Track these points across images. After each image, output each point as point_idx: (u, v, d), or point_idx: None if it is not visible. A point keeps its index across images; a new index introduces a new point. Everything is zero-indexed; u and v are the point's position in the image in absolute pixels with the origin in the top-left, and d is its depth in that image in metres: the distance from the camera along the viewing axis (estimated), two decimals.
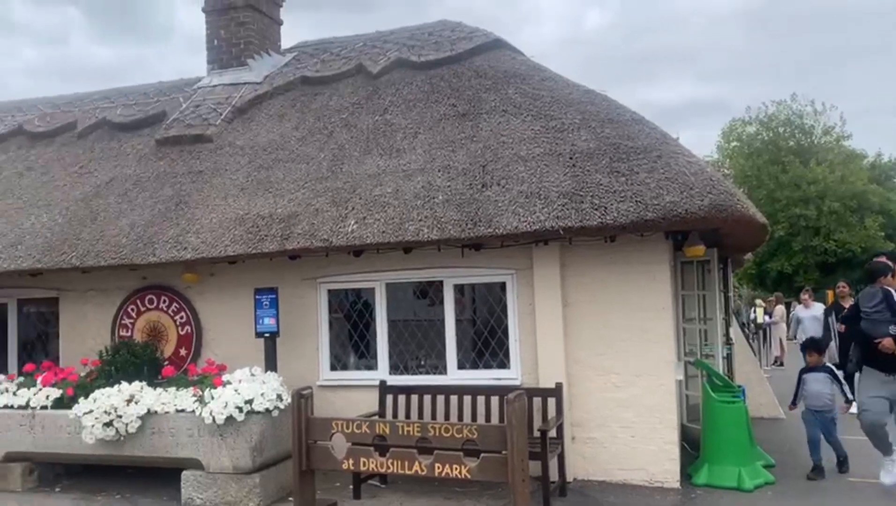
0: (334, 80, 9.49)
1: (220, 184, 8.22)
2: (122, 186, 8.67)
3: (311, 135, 8.57)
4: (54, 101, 11.33)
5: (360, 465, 5.81)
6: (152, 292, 8.45)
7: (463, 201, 6.78)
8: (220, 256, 7.35)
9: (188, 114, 9.54)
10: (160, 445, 6.62)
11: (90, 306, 8.73)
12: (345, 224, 6.99)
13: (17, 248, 8.17)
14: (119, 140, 9.70)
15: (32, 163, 9.83)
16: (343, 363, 7.89)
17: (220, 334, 8.20)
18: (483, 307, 7.60)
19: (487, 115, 7.88)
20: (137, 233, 7.81)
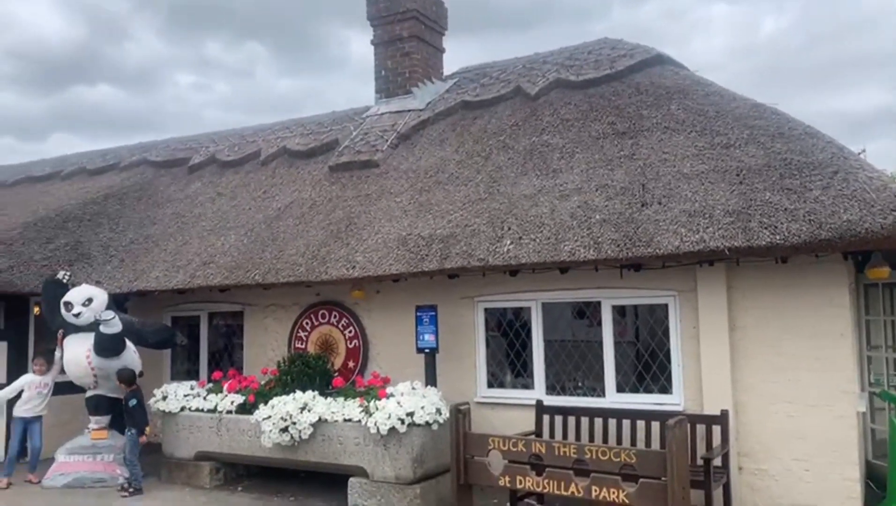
0: (493, 103, 9.71)
1: (385, 206, 8.65)
2: (300, 210, 9.36)
3: (470, 157, 8.82)
4: (241, 132, 12.47)
5: (517, 483, 5.87)
6: (324, 308, 9.04)
7: (621, 221, 6.69)
8: (384, 274, 7.72)
9: (357, 141, 10.14)
10: (329, 451, 7.04)
11: (270, 320, 9.49)
12: (501, 244, 7.12)
13: (209, 266, 9.03)
14: (297, 167, 10.50)
15: (223, 189, 10.86)
16: (500, 381, 7.99)
17: (385, 349, 8.59)
18: (644, 329, 7.41)
19: (648, 133, 7.73)
20: (312, 252, 8.38)
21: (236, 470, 8.06)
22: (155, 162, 12.45)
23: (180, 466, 8.08)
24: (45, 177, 13.74)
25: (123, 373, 8.02)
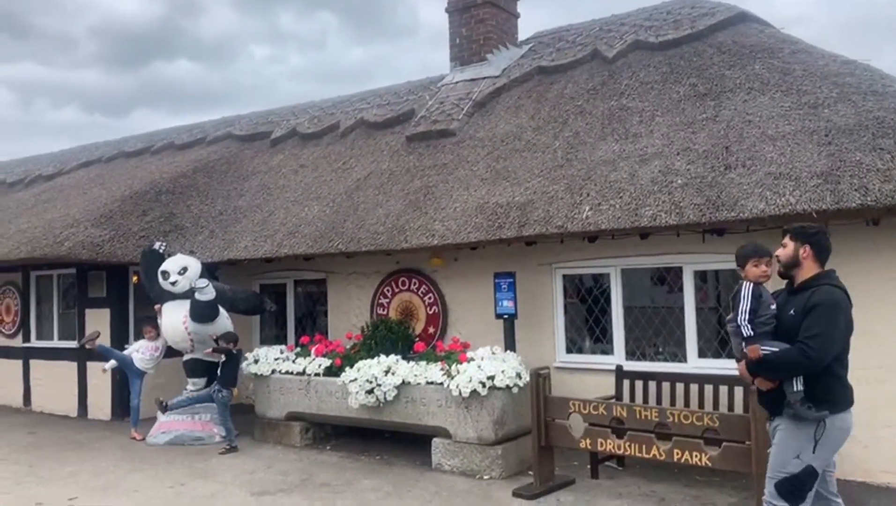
0: (569, 67, 9.63)
1: (462, 175, 8.75)
2: (379, 180, 9.57)
3: (546, 124, 8.80)
4: (320, 104, 12.75)
5: (598, 445, 5.98)
6: (404, 275, 9.27)
7: (703, 185, 6.59)
8: (462, 242, 7.85)
9: (433, 110, 10.25)
10: (413, 413, 7.28)
11: (353, 287, 9.80)
12: (579, 210, 7.13)
13: (294, 236, 9.37)
14: (375, 137, 10.70)
15: (305, 161, 11.18)
16: (578, 347, 8.05)
17: (463, 315, 8.77)
18: (727, 295, 7.31)
19: (731, 94, 7.55)
20: (392, 221, 8.59)
21: (324, 430, 8.44)
22: (239, 136, 12.89)
23: (272, 425, 8.51)
24: (136, 152, 14.42)
25: (228, 335, 8.51)
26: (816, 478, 3.96)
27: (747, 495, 5.83)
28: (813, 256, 4.09)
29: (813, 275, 4.08)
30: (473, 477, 6.73)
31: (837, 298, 3.95)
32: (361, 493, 6.42)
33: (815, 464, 3.91)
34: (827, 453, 3.95)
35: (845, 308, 3.96)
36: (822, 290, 3.98)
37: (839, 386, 3.95)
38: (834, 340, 3.88)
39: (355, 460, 7.61)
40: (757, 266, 4.32)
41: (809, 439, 3.89)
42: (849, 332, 3.99)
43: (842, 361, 3.98)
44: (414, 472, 7.05)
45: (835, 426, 3.90)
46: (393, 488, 6.54)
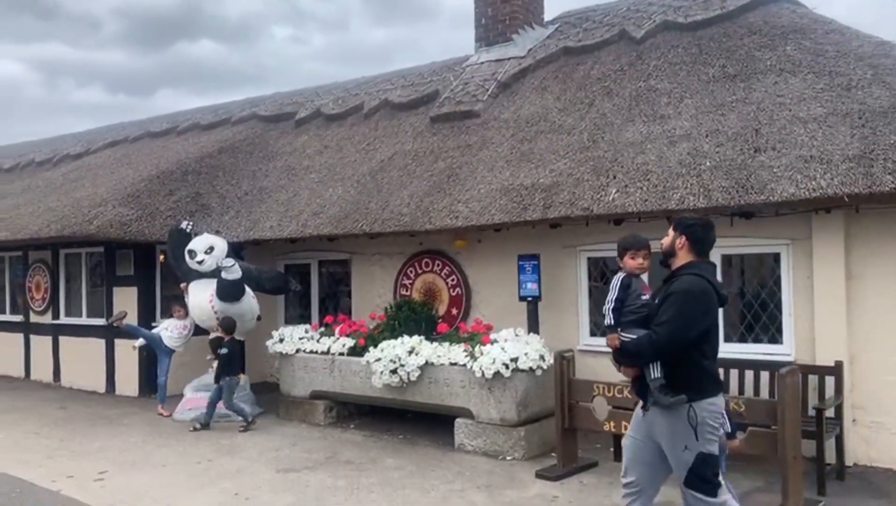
0: (596, 48, 9.52)
1: (486, 156, 8.72)
2: (403, 161, 9.57)
3: (573, 105, 8.73)
4: (344, 85, 12.74)
5: (622, 428, 5.96)
6: (428, 257, 9.28)
7: (732, 167, 6.51)
8: (486, 224, 7.83)
9: (458, 91, 10.20)
10: (436, 393, 7.32)
11: (376, 268, 9.84)
12: (606, 193, 7.08)
13: (318, 216, 9.41)
14: (398, 119, 10.68)
15: (329, 142, 11.20)
16: (602, 330, 8.02)
17: (486, 297, 8.78)
18: (753, 279, 7.25)
19: (762, 76, 7.43)
20: (416, 203, 8.59)
21: (348, 408, 8.51)
22: (264, 116, 12.94)
23: (297, 404, 8.60)
24: (162, 132, 14.53)
25: (225, 322, 8.51)
26: (717, 459, 3.93)
27: (772, 480, 5.80)
28: (688, 246, 4.04)
29: (682, 264, 4.04)
30: (496, 458, 6.76)
31: (694, 287, 3.88)
32: (385, 471, 6.48)
33: (705, 449, 3.87)
34: (710, 436, 3.88)
35: (701, 297, 3.87)
36: (682, 279, 3.96)
37: (698, 373, 3.88)
38: (682, 327, 3.82)
39: (379, 439, 7.68)
40: (634, 258, 4.35)
41: (687, 427, 3.85)
42: (706, 321, 3.88)
43: (702, 349, 3.90)
44: (437, 452, 7.10)
45: (706, 410, 3.86)
46: (416, 467, 6.59)
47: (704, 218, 4.24)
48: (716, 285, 3.95)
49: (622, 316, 4.21)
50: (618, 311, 4.24)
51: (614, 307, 4.25)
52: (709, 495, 3.86)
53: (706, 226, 4.11)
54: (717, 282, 3.99)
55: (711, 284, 3.92)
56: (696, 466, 3.85)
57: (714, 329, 3.98)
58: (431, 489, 5.95)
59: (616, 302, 4.25)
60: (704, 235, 4.06)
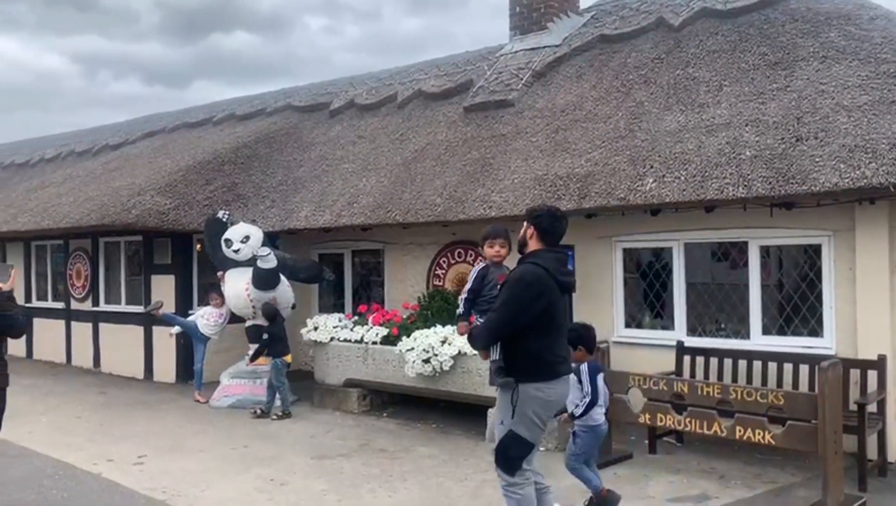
0: (633, 36, 9.39)
1: (520, 146, 8.66)
2: (436, 151, 9.55)
3: (609, 94, 8.62)
4: (378, 75, 12.75)
5: (657, 420, 5.92)
6: (461, 247, 9.27)
7: (773, 157, 6.38)
8: (520, 214, 7.76)
9: (492, 80, 10.14)
10: (468, 383, 7.32)
11: (409, 258, 9.86)
12: (643, 183, 6.99)
13: (352, 206, 9.45)
14: (432, 108, 10.66)
15: (362, 132, 11.22)
16: (637, 322, 7.94)
17: None
18: (793, 271, 7.11)
19: (804, 63, 7.25)
20: (449, 193, 8.57)
21: (381, 397, 8.56)
22: (298, 107, 13.01)
23: (331, 392, 8.68)
24: (199, 123, 14.70)
25: (267, 308, 8.63)
26: (526, 448, 4.02)
27: (811, 475, 5.71)
28: (537, 236, 4.16)
29: (528, 253, 4.17)
30: None
31: (526, 274, 3.99)
32: (418, 460, 6.50)
33: (518, 430, 3.98)
34: (529, 422, 3.98)
35: (533, 284, 3.95)
36: (519, 267, 4.10)
37: (528, 357, 3.98)
38: (512, 313, 3.94)
39: (412, 428, 7.71)
40: (491, 246, 4.63)
41: (508, 404, 4.00)
42: (537, 306, 3.94)
43: (535, 335, 3.97)
44: (469, 441, 7.11)
45: (528, 394, 3.95)
46: (449, 456, 6.61)
47: (553, 208, 4.35)
48: (553, 273, 4.00)
49: (478, 305, 4.57)
50: (470, 301, 4.63)
51: (467, 298, 4.63)
52: (506, 471, 4.05)
53: (553, 216, 4.20)
54: (558, 269, 4.06)
55: (548, 271, 3.99)
56: (504, 441, 4.03)
57: (550, 315, 4.01)
58: (465, 478, 5.96)
59: (470, 293, 4.63)
60: (551, 224, 4.16)
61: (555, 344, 4.07)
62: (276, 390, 8.48)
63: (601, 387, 5.08)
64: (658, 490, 5.64)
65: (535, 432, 4.02)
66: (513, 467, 4.02)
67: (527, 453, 4.04)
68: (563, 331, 4.18)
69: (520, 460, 4.02)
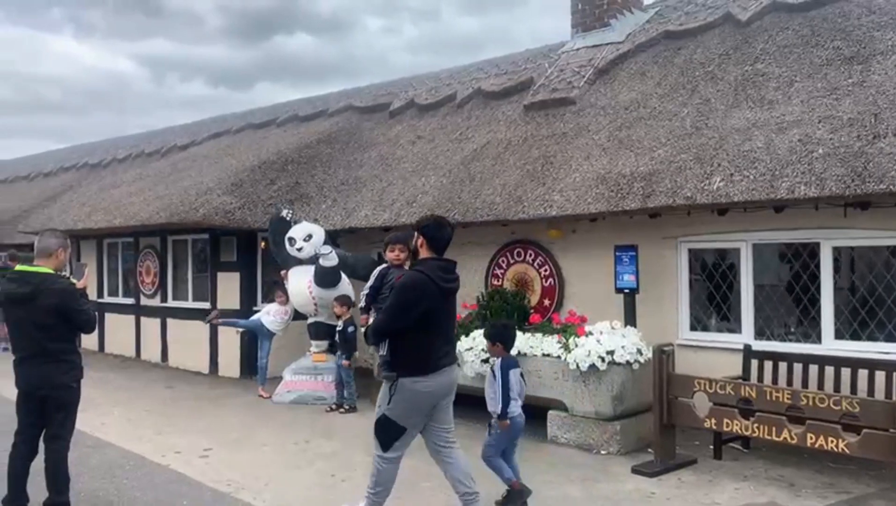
0: (699, 31, 9.17)
1: (582, 144, 8.56)
2: (495, 150, 9.52)
3: (674, 91, 8.44)
4: (437, 74, 12.79)
5: (723, 425, 5.77)
6: (520, 246, 9.21)
7: (848, 155, 6.13)
8: (582, 213, 7.70)
9: (553, 78, 10.05)
10: (528, 384, 7.23)
11: (468, 257, 9.82)
12: (710, 181, 6.81)
13: (411, 205, 9.49)
14: (491, 107, 10.63)
15: (422, 132, 11.27)
16: (703, 324, 7.76)
17: (580, 288, 8.63)
18: (868, 273, 6.82)
19: (881, 57, 6.96)
20: (508, 192, 8.53)
21: None
22: (359, 107, 13.16)
23: None
24: (263, 124, 15.02)
25: (343, 298, 8.76)
26: (398, 431, 4.51)
27: (887, 486, 5.48)
28: (426, 245, 4.56)
29: (418, 260, 4.60)
30: (590, 451, 6.66)
31: (409, 281, 4.45)
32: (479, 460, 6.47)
33: (392, 415, 4.48)
34: (402, 409, 4.47)
35: (414, 290, 4.39)
36: (406, 274, 4.63)
37: (409, 354, 4.43)
38: (394, 315, 4.42)
39: (470, 428, 7.66)
40: (392, 251, 5.29)
41: (387, 394, 4.51)
42: (417, 310, 4.35)
43: (416, 334, 4.40)
44: (529, 443, 7.03)
45: (406, 387, 4.41)
46: None
47: (439, 218, 4.78)
48: (435, 279, 4.40)
49: (378, 302, 5.14)
50: (371, 298, 5.29)
51: (368, 294, 5.32)
52: (381, 447, 4.59)
53: (439, 225, 4.63)
54: (440, 276, 4.44)
55: (430, 278, 4.39)
56: (378, 422, 4.58)
57: (432, 319, 4.42)
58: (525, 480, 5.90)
59: (371, 290, 5.33)
60: (437, 232, 4.57)
61: (436, 342, 4.49)
62: (346, 385, 8.60)
63: (513, 382, 5.27)
64: (724, 497, 5.48)
65: (410, 418, 4.52)
66: (385, 445, 4.56)
67: (398, 436, 4.52)
68: (444, 330, 4.59)
69: (392, 441, 4.53)
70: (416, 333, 4.41)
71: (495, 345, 5.42)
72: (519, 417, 5.30)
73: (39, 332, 4.79)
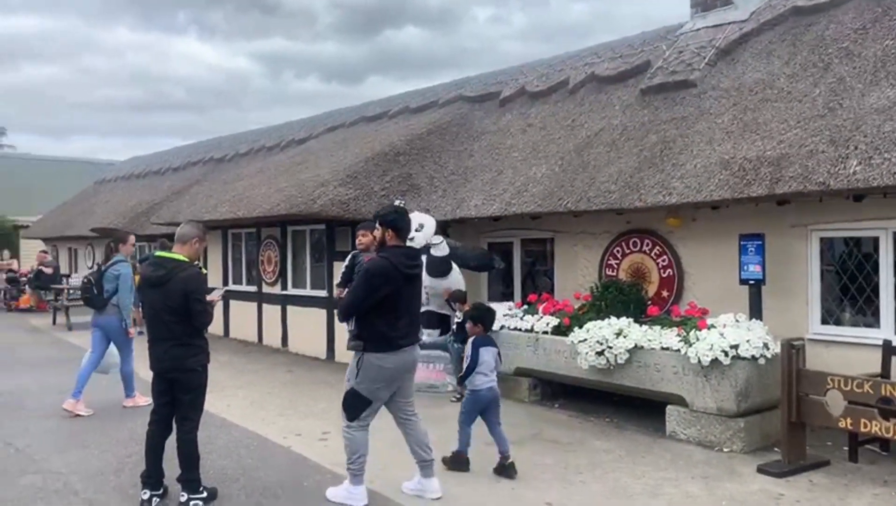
0: (831, 6, 8.55)
1: (703, 128, 8.19)
2: (610, 136, 9.27)
3: (804, 70, 7.92)
4: (548, 61, 12.58)
5: (860, 426, 5.39)
6: (636, 236, 8.94)
7: None
8: (704, 200, 7.37)
9: (671, 61, 9.66)
10: (645, 377, 7.05)
11: (580, 247, 9.66)
12: (845, 165, 6.35)
13: (522, 194, 9.41)
14: (606, 92, 10.35)
15: (533, 119, 11.14)
16: (835, 318, 7.27)
17: (701, 279, 8.29)
18: None
19: None
20: (624, 179, 8.29)
21: (552, 387, 8.46)
22: (469, 97, 13.15)
23: (501, 379, 8.67)
24: (375, 117, 15.30)
25: (458, 293, 8.81)
26: (364, 403, 4.97)
27: None
28: (393, 234, 5.03)
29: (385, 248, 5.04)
30: (712, 449, 6.39)
31: (373, 266, 4.91)
32: (593, 453, 6.36)
33: (359, 389, 4.96)
34: (369, 382, 4.94)
35: (378, 274, 4.85)
36: (371, 260, 5.06)
37: (373, 332, 4.90)
38: (359, 296, 4.90)
39: (584, 421, 7.57)
40: (364, 236, 6.32)
41: (354, 368, 4.99)
42: (380, 292, 4.82)
43: (379, 315, 4.87)
44: (646, 438, 6.86)
45: (370, 362, 4.90)
46: (625, 452, 6.41)
47: (397, 206, 5.40)
48: (398, 266, 4.86)
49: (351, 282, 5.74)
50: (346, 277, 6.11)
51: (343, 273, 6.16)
52: (347, 417, 5.05)
53: (397, 212, 5.14)
54: (402, 262, 4.90)
55: (393, 264, 4.86)
56: (346, 395, 5.06)
57: (393, 300, 4.86)
58: (643, 476, 5.75)
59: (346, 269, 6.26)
60: (401, 223, 5.07)
61: (398, 322, 4.92)
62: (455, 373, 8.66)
63: (484, 358, 5.78)
64: (862, 503, 5.12)
65: (374, 391, 4.96)
66: (352, 415, 5.01)
67: (365, 407, 4.97)
68: (407, 311, 5.00)
69: (358, 411, 4.98)
70: (381, 313, 4.87)
71: (476, 326, 6.00)
72: (488, 390, 5.80)
73: (170, 315, 5.07)
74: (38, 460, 6.26)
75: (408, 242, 9.10)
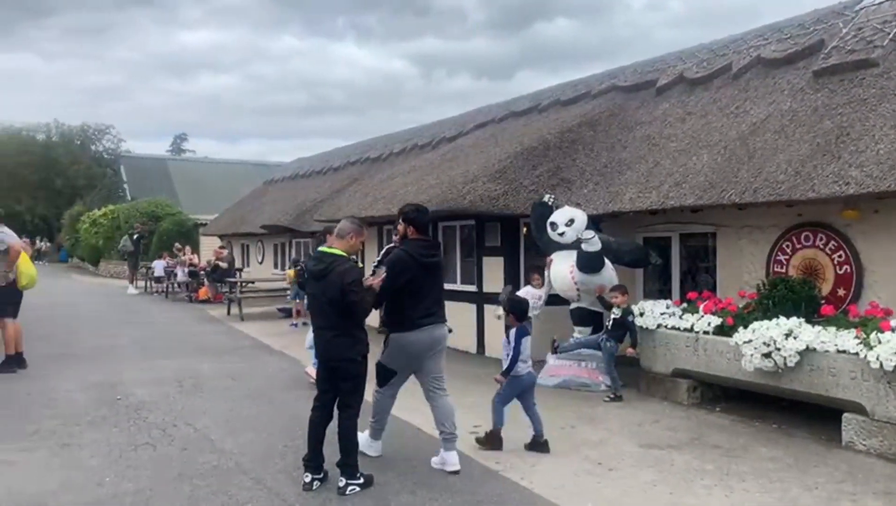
0: None
1: (888, 111, 7.44)
2: (778, 123, 8.64)
3: None
4: (709, 46, 11.93)
5: None
6: (808, 229, 8.28)
7: None
8: (888, 190, 6.69)
9: (848, 39, 8.86)
10: (818, 382, 6.51)
11: (745, 242, 9.08)
12: None
13: (681, 186, 8.98)
14: (773, 76, 9.67)
15: (692, 108, 10.61)
16: None
17: (884, 277, 7.53)
18: None
19: None
20: (794, 169, 7.69)
21: (713, 390, 8.03)
22: (623, 87, 12.76)
23: (657, 380, 8.38)
24: (524, 111, 15.23)
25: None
26: (390, 373, 5.85)
27: None
28: (413, 229, 5.75)
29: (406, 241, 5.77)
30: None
31: (394, 257, 5.71)
32: (758, 461, 5.96)
33: (384, 361, 5.84)
34: (391, 357, 5.80)
35: (398, 264, 5.59)
36: (393, 252, 5.85)
37: (395, 314, 5.68)
38: (383, 285, 5.49)
39: (748, 426, 7.11)
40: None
41: (383, 346, 5.82)
42: (401, 279, 5.54)
43: (401, 299, 5.60)
44: (818, 447, 6.34)
45: (393, 341, 5.71)
46: (794, 460, 5.95)
47: (418, 205, 6.02)
48: (416, 256, 5.58)
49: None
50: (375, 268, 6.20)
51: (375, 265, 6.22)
52: (378, 384, 5.93)
53: (418, 210, 5.86)
54: (420, 253, 5.61)
55: (411, 255, 5.59)
56: (377, 366, 5.84)
57: (414, 286, 5.57)
58: (815, 487, 5.31)
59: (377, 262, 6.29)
60: (417, 217, 5.78)
61: (419, 305, 5.58)
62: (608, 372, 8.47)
63: (524, 347, 6.23)
64: None
65: (398, 363, 5.80)
66: (381, 383, 5.90)
67: (391, 376, 5.85)
68: (427, 295, 5.64)
69: (386, 380, 5.87)
70: (401, 298, 5.59)
71: (509, 316, 6.53)
72: (528, 375, 6.34)
73: (329, 307, 5.32)
74: (214, 439, 6.77)
75: (557, 237, 9.08)
